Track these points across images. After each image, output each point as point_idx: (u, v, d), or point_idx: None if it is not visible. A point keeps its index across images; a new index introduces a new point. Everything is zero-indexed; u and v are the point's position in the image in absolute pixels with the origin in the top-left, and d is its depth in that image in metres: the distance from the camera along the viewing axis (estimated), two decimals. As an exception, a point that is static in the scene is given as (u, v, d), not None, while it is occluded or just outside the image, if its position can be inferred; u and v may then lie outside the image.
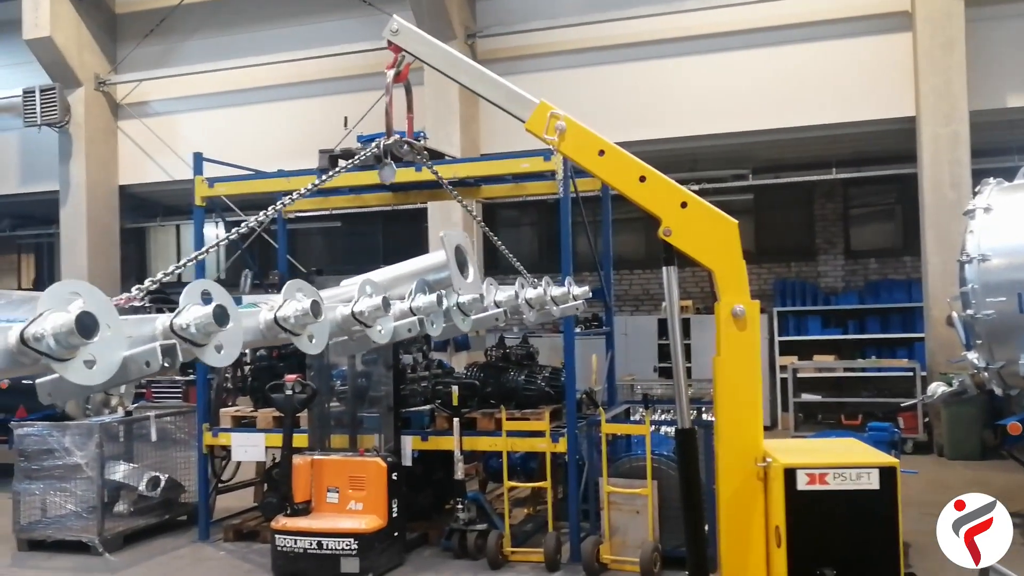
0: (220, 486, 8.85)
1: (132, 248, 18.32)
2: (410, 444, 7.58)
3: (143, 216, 18.02)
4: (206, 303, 2.03)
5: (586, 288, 5.06)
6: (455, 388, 7.57)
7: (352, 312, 2.70)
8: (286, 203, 3.48)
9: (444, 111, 12.73)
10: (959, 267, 7.93)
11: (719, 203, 4.01)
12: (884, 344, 14.05)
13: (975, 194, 8.21)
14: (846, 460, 3.79)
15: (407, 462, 7.53)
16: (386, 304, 2.74)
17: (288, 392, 7.55)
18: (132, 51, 15.77)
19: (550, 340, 10.38)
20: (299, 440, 7.73)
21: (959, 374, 8.74)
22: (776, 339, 14.15)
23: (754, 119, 12.66)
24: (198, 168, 8.49)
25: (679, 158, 14.00)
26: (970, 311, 7.68)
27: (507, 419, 7.41)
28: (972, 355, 7.85)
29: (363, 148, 8.50)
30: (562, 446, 7.26)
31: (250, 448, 8.15)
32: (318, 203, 9.61)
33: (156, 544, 8.28)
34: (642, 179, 3.84)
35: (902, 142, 12.41)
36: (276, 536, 7.06)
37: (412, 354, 8.52)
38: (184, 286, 2.10)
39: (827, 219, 15.29)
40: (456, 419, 7.45)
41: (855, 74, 12.24)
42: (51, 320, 1.69)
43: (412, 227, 15.59)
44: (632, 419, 8.31)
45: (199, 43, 15.42)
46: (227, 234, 3.19)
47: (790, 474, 3.68)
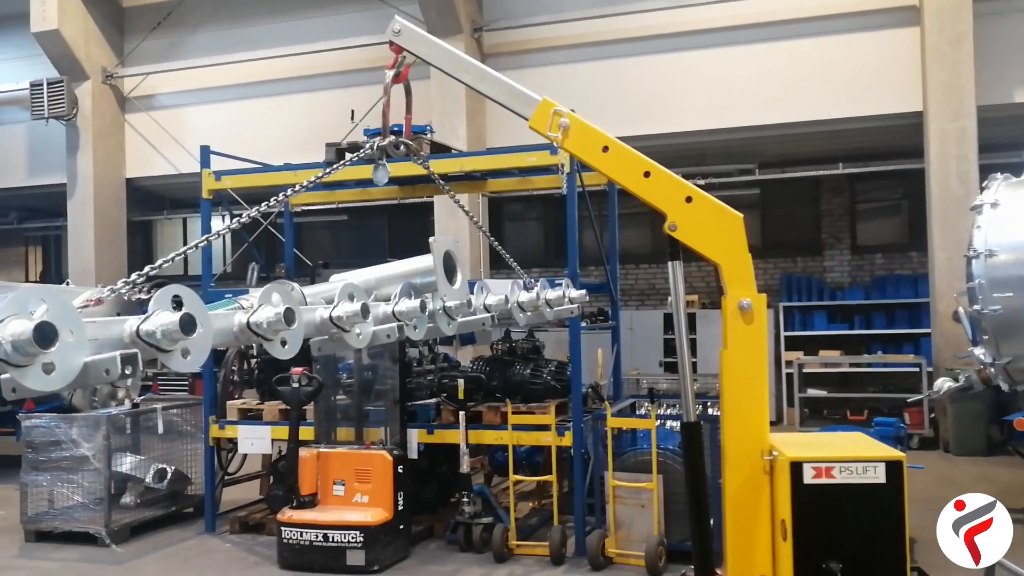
0: (226, 478, 8.88)
1: (139, 241, 18.36)
2: (416, 437, 7.60)
3: (150, 209, 18.04)
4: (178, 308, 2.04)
5: (583, 291, 5.04)
6: (461, 382, 7.58)
7: (330, 316, 2.71)
8: (289, 195, 3.49)
9: (450, 104, 12.73)
10: (966, 262, 7.92)
11: (725, 198, 4.01)
12: (890, 340, 14.02)
13: (982, 189, 8.20)
14: (852, 454, 3.80)
15: (413, 455, 7.54)
16: (365, 310, 2.75)
17: (294, 385, 7.57)
18: (139, 44, 15.80)
19: (556, 334, 10.37)
20: (305, 433, 7.75)
21: (965, 370, 8.73)
22: (782, 334, 14.14)
23: (761, 114, 12.64)
24: (205, 161, 8.50)
25: (685, 153, 13.98)
26: (977, 306, 7.67)
27: (513, 413, 7.42)
28: (978, 351, 7.84)
29: (369, 141, 8.54)
30: (568, 440, 7.27)
31: (256, 441, 8.18)
32: (324, 196, 9.61)
33: (163, 536, 8.32)
34: (646, 175, 3.84)
35: (909, 137, 12.37)
36: (282, 528, 7.09)
37: (418, 348, 8.53)
38: (189, 278, 2.10)
39: (833, 214, 15.25)
40: (462, 412, 7.46)
41: (862, 69, 12.20)
42: (10, 328, 1.70)
43: (418, 221, 15.59)
44: (638, 413, 8.31)
45: (206, 36, 15.43)
46: (230, 224, 3.20)
47: (796, 468, 3.68)
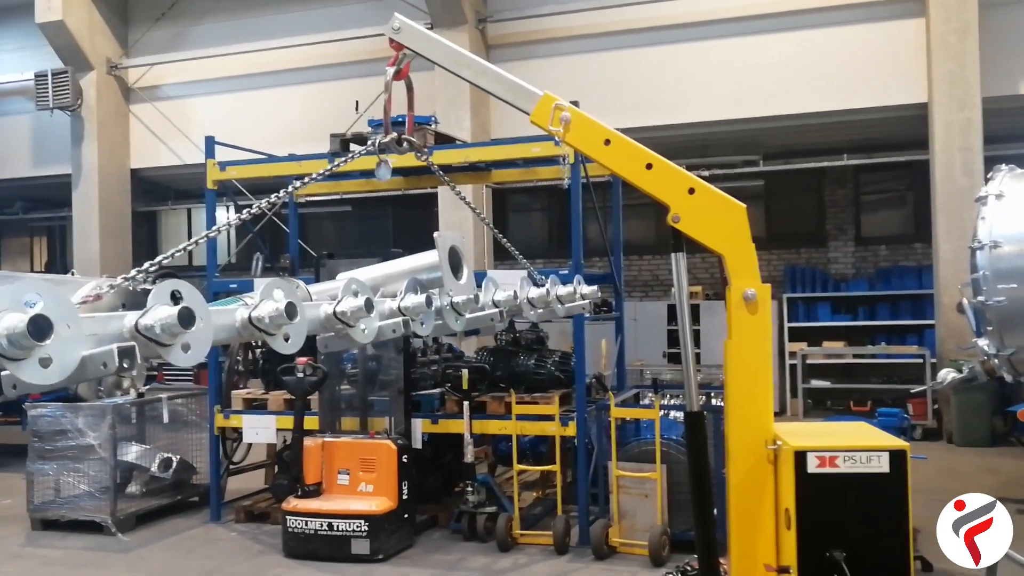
0: (231, 468, 8.91)
1: (144, 231, 18.38)
2: (420, 427, 7.62)
3: (155, 200, 18.07)
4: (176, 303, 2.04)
5: (595, 288, 5.02)
6: (465, 372, 7.60)
7: (334, 312, 2.71)
8: (295, 188, 3.50)
9: (454, 95, 12.71)
10: (970, 254, 7.91)
11: (729, 189, 4.01)
12: (894, 331, 14.02)
13: (987, 181, 8.18)
14: (856, 443, 3.80)
15: (417, 445, 7.56)
16: (369, 305, 2.74)
17: (299, 375, 7.60)
18: (144, 35, 15.80)
19: (560, 325, 10.36)
20: (310, 422, 7.78)
21: (969, 361, 8.73)
22: (786, 325, 14.14)
23: (765, 105, 12.61)
24: (210, 152, 8.51)
25: (689, 144, 13.97)
26: (981, 298, 7.66)
27: (517, 403, 7.44)
28: (982, 342, 7.84)
29: (372, 139, 8.54)
30: (571, 430, 7.29)
31: (261, 430, 8.20)
32: (329, 187, 9.62)
33: (168, 525, 8.36)
34: (649, 166, 3.85)
35: (914, 128, 12.34)
36: (287, 517, 7.12)
37: (422, 338, 8.54)
38: (194, 268, 2.11)
39: (838, 205, 15.23)
40: (466, 402, 7.48)
41: (867, 60, 12.17)
42: (5, 322, 1.71)
43: (422, 212, 15.60)
44: (641, 404, 8.33)
45: (211, 27, 15.42)
46: (236, 217, 3.21)
47: (800, 457, 3.69)
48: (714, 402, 7.83)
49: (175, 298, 2.05)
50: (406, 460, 7.19)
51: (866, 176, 15.08)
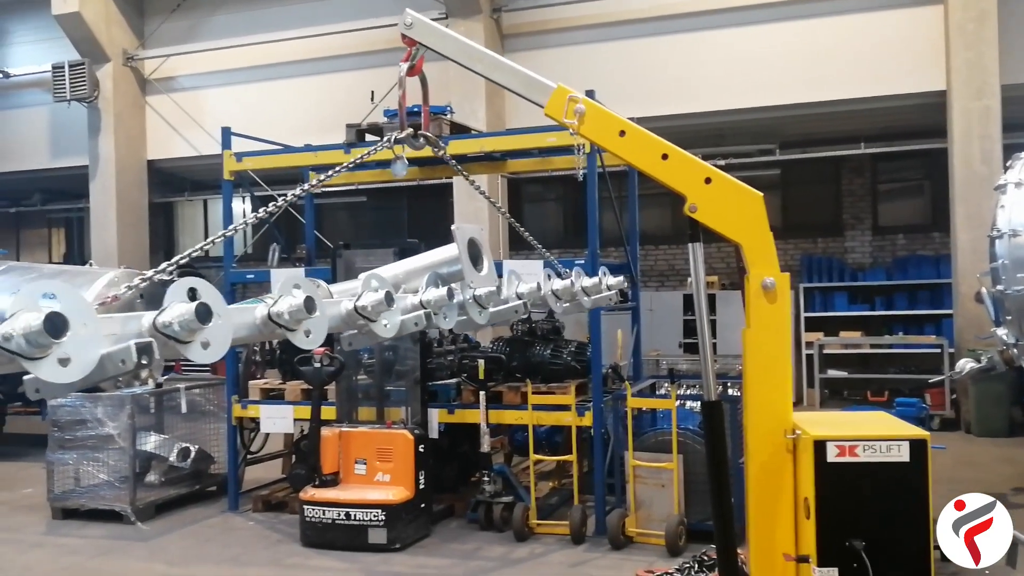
0: (249, 457, 8.97)
1: (160, 222, 18.47)
2: (437, 417, 7.64)
3: (171, 191, 18.15)
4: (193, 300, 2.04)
5: (620, 278, 4.97)
6: (481, 362, 7.61)
7: (355, 307, 2.71)
8: (316, 184, 3.52)
9: (469, 85, 12.67)
10: (989, 242, 7.85)
11: (745, 178, 3.99)
12: (912, 320, 13.93)
13: (1006, 169, 8.11)
14: (876, 432, 3.78)
15: (434, 435, 7.58)
16: (389, 299, 2.74)
17: (316, 365, 7.62)
18: (159, 26, 15.85)
19: (576, 315, 10.35)
20: (327, 412, 7.80)
21: (988, 350, 8.68)
22: (802, 315, 14.07)
23: (782, 93, 12.54)
24: (226, 143, 8.54)
25: (705, 133, 13.90)
26: (1000, 287, 7.61)
27: (533, 393, 7.44)
28: (1001, 331, 7.79)
29: (389, 123, 8.52)
30: (588, 420, 7.29)
31: (279, 420, 8.24)
32: (345, 177, 9.59)
33: (187, 514, 8.42)
34: (664, 157, 3.83)
35: (932, 116, 12.25)
36: (305, 507, 7.16)
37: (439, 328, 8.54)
38: (211, 259, 2.11)
39: (855, 194, 15.13)
40: (482, 392, 7.49)
41: (885, 47, 12.07)
42: (21, 320, 1.72)
43: (438, 202, 15.60)
44: (658, 394, 8.32)
45: (226, 18, 15.45)
46: (253, 215, 3.22)
47: (820, 446, 3.68)
48: (731, 392, 7.83)
49: (192, 295, 2.06)
50: (423, 450, 7.21)
51: (884, 165, 14.97)
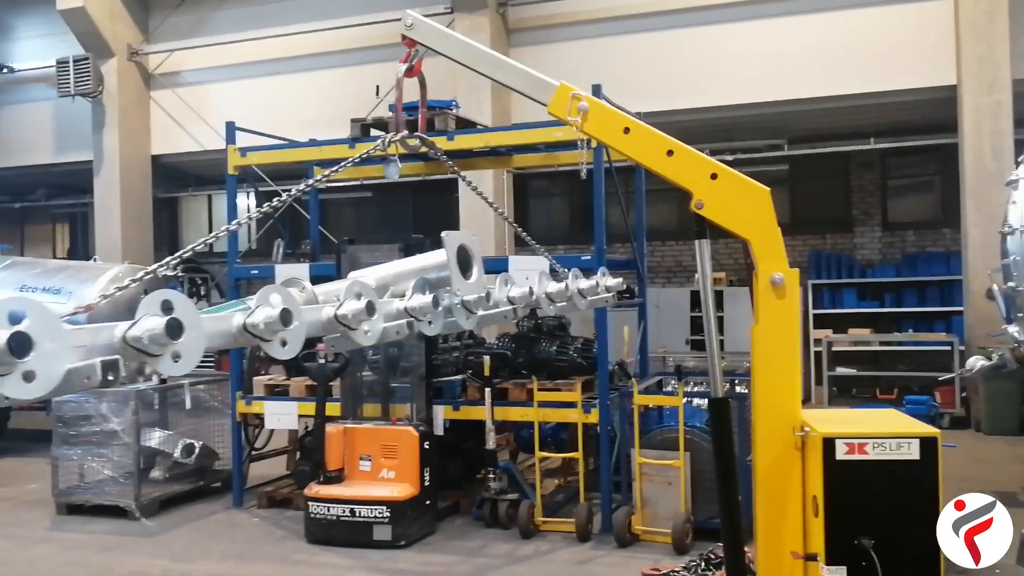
0: (253, 454, 8.93)
1: (165, 217, 18.48)
2: (442, 414, 7.59)
3: (175, 186, 18.15)
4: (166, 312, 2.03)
5: (619, 280, 4.92)
6: (487, 358, 7.55)
7: (335, 315, 2.68)
8: (321, 179, 3.48)
9: (475, 80, 12.38)
10: (1001, 239, 7.77)
11: (753, 173, 3.94)
12: (921, 317, 13.85)
13: (1017, 164, 8.03)
14: (886, 430, 3.73)
15: (439, 431, 7.54)
16: (370, 308, 2.72)
17: (321, 361, 7.59)
18: (164, 21, 15.83)
19: (582, 312, 10.32)
20: (332, 409, 7.77)
21: (998, 348, 8.60)
22: (811, 312, 14.00)
23: (790, 88, 12.46)
24: (230, 137, 8.50)
25: (713, 128, 13.83)
26: (1011, 284, 7.52)
27: (539, 390, 7.38)
28: (1013, 328, 7.70)
29: (394, 118, 8.46)
30: (594, 417, 7.24)
31: (283, 416, 8.21)
32: (349, 173, 9.54)
33: (191, 510, 8.39)
34: (670, 153, 3.78)
35: (942, 111, 12.15)
36: (309, 503, 7.13)
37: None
38: (215, 255, 2.08)
39: (864, 190, 15.05)
40: (488, 389, 7.44)
41: (895, 42, 11.98)
42: None
43: (443, 197, 15.55)
44: (665, 391, 8.26)
45: (230, 13, 15.42)
46: (260, 207, 3.18)
47: (829, 443, 3.63)
48: (738, 389, 7.77)
49: (167, 308, 2.03)
50: (428, 446, 7.16)
51: (893, 160, 14.88)
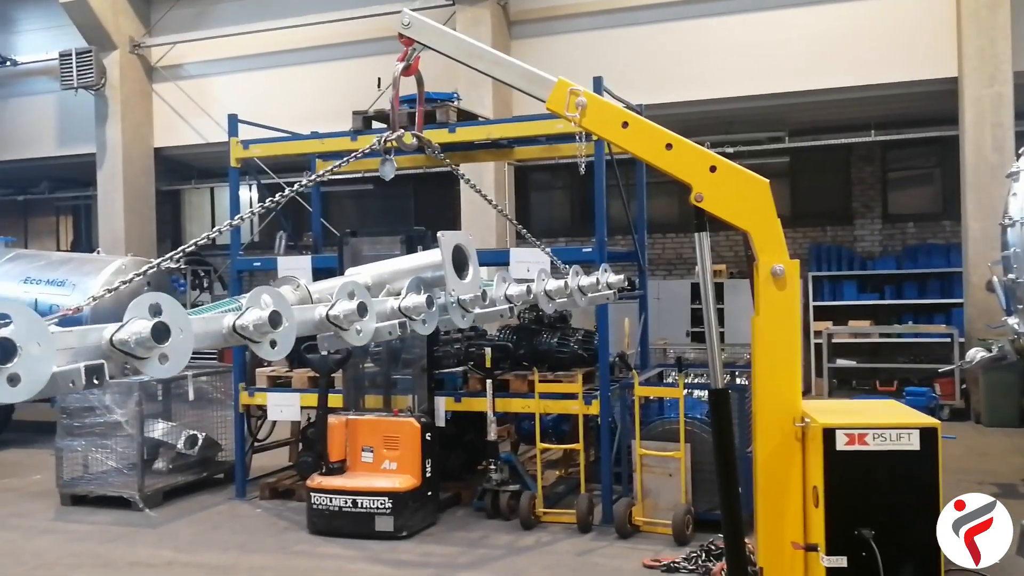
0: (256, 445, 8.97)
1: (167, 210, 18.49)
2: (443, 405, 7.61)
3: (178, 178, 18.16)
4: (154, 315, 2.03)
5: (621, 277, 4.91)
6: (488, 350, 7.58)
7: (327, 315, 2.70)
8: (329, 171, 3.51)
9: (476, 72, 12.61)
10: (1001, 231, 7.79)
11: (754, 166, 3.95)
12: (921, 310, 13.87)
13: (1018, 156, 8.05)
14: (886, 421, 3.76)
15: (440, 423, 7.56)
16: (362, 309, 2.73)
17: (323, 353, 7.60)
18: (166, 14, 15.81)
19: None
20: (334, 400, 7.80)
21: (998, 340, 8.62)
22: (811, 304, 14.02)
23: (791, 80, 12.45)
24: (233, 130, 8.51)
25: (713, 120, 13.82)
26: (1011, 276, 7.55)
27: (540, 381, 7.41)
28: (1013, 320, 7.73)
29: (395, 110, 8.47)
30: (595, 408, 7.26)
31: (286, 408, 8.24)
32: (351, 165, 9.58)
33: (195, 501, 8.43)
34: (668, 147, 3.80)
35: (943, 104, 12.15)
36: (312, 494, 7.16)
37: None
38: (217, 247, 2.08)
39: (865, 182, 15.05)
40: (489, 381, 7.46)
41: (896, 34, 11.97)
42: None
43: (444, 190, 15.58)
44: (665, 382, 8.28)
45: (232, 5, 15.40)
46: (262, 202, 3.20)
47: (829, 434, 3.65)
48: (739, 381, 7.80)
49: (154, 311, 2.04)
50: (429, 438, 7.19)
51: (894, 153, 14.88)
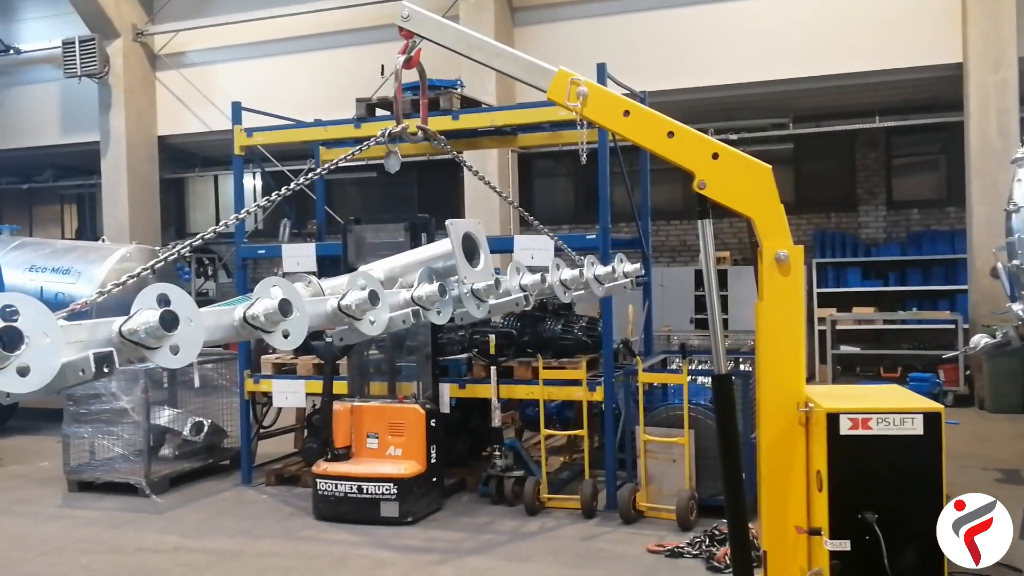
0: (261, 432, 9.02)
1: (171, 198, 18.51)
2: (448, 392, 7.64)
3: (182, 166, 18.16)
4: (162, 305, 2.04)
5: (638, 265, 4.88)
6: (492, 337, 7.60)
7: (339, 305, 2.71)
8: (327, 168, 3.53)
9: (479, 60, 12.58)
10: (1005, 216, 7.75)
11: (758, 153, 3.95)
12: (926, 296, 13.86)
13: (1023, 142, 8.02)
14: (890, 405, 3.76)
15: (445, 409, 7.59)
16: (373, 297, 2.73)
17: (328, 339, 7.63)
18: (169, 1, 15.77)
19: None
20: (339, 387, 7.82)
21: (1003, 326, 8.60)
22: (815, 291, 14.01)
23: (795, 66, 12.41)
24: (236, 118, 8.51)
25: (717, 107, 13.80)
26: (1016, 261, 7.52)
27: (544, 368, 7.43)
28: (1017, 306, 7.71)
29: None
30: (599, 395, 7.29)
31: (291, 394, 8.27)
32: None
33: (201, 487, 8.48)
34: (670, 135, 3.78)
35: (948, 89, 12.12)
36: (317, 480, 7.20)
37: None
38: (221, 236, 2.09)
39: (869, 169, 15.02)
40: (493, 367, 7.49)
41: (900, 19, 11.92)
42: None
43: (448, 177, 15.57)
44: (669, 369, 8.30)
45: (236, -8, 15.38)
46: (268, 196, 3.21)
47: (833, 419, 3.66)
48: (742, 367, 7.81)
49: (163, 301, 2.06)
50: (434, 424, 7.22)
51: (898, 139, 14.84)
